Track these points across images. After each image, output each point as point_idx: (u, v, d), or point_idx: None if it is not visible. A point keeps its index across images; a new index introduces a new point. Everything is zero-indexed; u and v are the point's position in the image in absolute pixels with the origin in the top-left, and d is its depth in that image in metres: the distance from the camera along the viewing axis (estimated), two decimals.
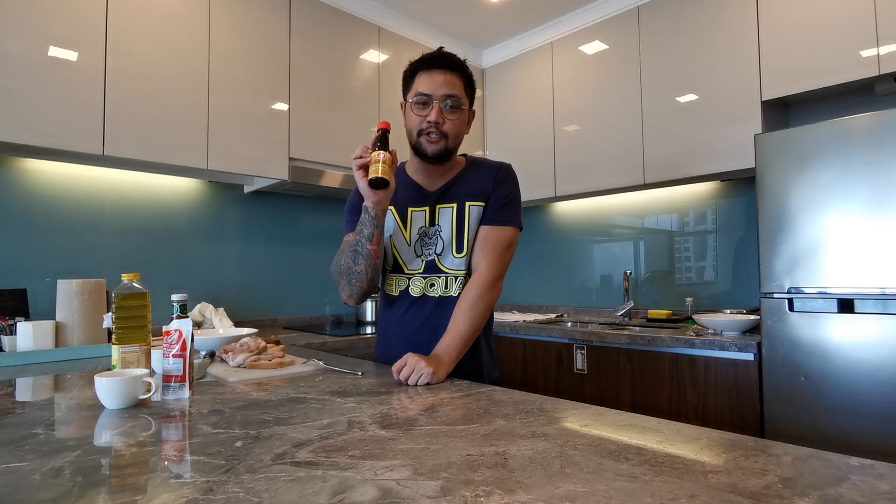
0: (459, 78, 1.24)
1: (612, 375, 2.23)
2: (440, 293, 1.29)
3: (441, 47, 1.29)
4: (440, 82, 1.21)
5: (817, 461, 0.65)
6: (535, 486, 0.59)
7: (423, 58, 1.26)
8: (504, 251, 1.27)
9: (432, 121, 1.20)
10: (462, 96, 1.24)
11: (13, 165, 1.96)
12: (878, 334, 1.60)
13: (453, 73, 1.23)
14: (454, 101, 1.21)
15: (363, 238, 1.20)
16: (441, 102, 1.21)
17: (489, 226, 1.28)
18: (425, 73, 1.23)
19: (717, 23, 2.29)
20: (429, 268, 1.29)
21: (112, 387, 0.95)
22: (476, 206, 1.28)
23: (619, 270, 2.95)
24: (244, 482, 0.60)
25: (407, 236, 1.30)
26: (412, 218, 1.30)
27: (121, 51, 1.89)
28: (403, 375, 1.12)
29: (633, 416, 0.87)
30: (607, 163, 2.68)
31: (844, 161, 1.68)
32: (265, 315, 2.64)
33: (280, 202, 2.73)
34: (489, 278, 1.24)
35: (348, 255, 1.23)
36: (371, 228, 1.19)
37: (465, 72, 1.26)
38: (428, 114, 1.21)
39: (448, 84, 1.21)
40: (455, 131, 1.24)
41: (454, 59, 1.24)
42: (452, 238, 1.28)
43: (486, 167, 1.33)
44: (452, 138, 1.24)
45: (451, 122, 1.22)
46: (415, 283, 1.30)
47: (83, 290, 1.73)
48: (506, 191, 1.29)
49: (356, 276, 1.23)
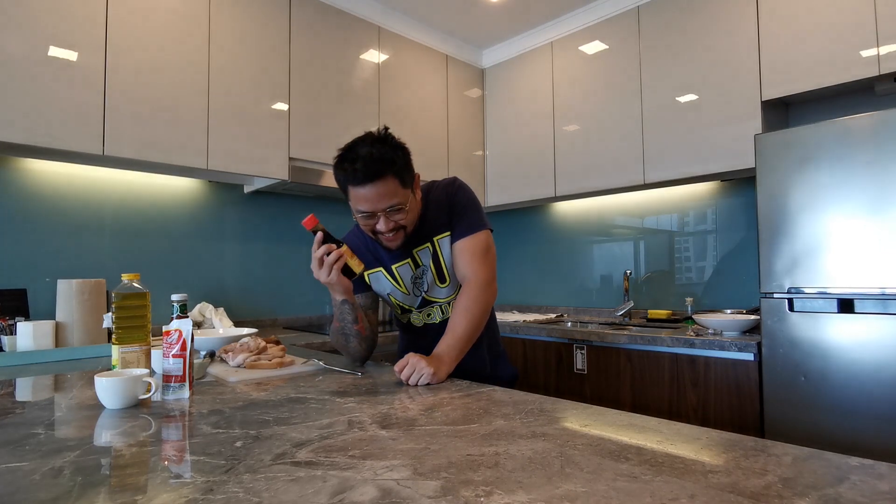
0: (392, 178, 1.15)
1: (612, 375, 2.23)
2: (439, 319, 1.38)
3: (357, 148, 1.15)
4: (374, 197, 1.15)
5: (817, 461, 0.65)
6: (535, 486, 0.59)
7: (347, 171, 1.15)
8: (484, 255, 1.29)
9: (382, 231, 1.21)
10: (401, 198, 1.18)
11: (13, 165, 1.96)
12: (878, 334, 1.60)
13: (383, 179, 1.14)
14: (395, 207, 1.18)
15: (348, 324, 1.29)
16: (385, 213, 1.18)
17: (460, 240, 1.30)
18: (357, 190, 1.16)
19: (717, 23, 2.29)
20: (423, 303, 1.38)
21: (112, 387, 0.95)
22: (444, 237, 1.32)
23: (619, 270, 2.95)
24: (244, 482, 0.60)
25: (403, 289, 1.37)
26: (399, 273, 1.35)
27: (121, 51, 1.89)
28: (405, 375, 1.14)
29: (633, 416, 0.87)
30: (607, 163, 2.68)
31: (844, 161, 1.68)
32: (265, 315, 2.64)
33: (280, 202, 2.73)
34: (480, 281, 1.27)
35: (341, 338, 1.33)
36: (353, 314, 1.28)
37: (393, 165, 1.15)
38: (376, 223, 1.20)
39: (383, 195, 1.15)
40: (409, 219, 1.23)
41: (378, 164, 1.13)
42: (433, 272, 1.34)
43: (437, 194, 1.34)
44: (409, 224, 1.24)
45: (402, 219, 1.21)
46: (415, 317, 1.40)
47: (83, 290, 1.73)
48: (460, 204, 1.31)
49: (353, 350, 1.35)
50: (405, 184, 1.19)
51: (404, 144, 1.21)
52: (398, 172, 1.16)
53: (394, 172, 1.15)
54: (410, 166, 1.22)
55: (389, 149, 1.16)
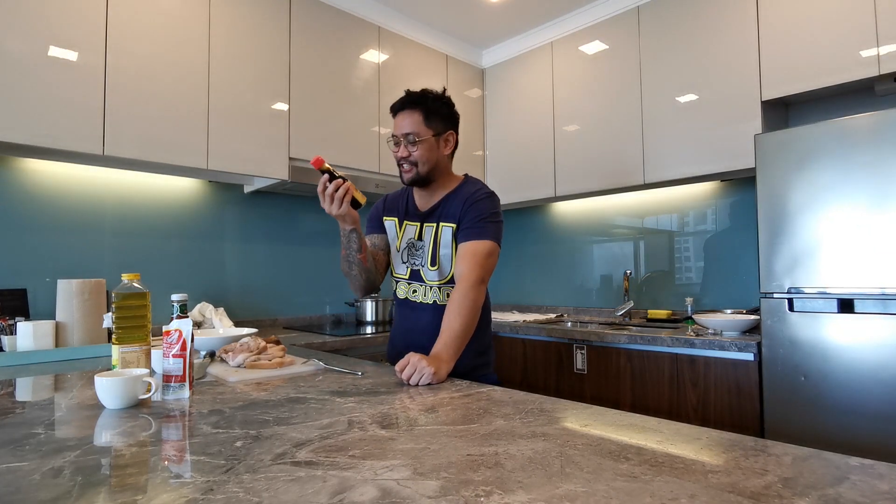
0: (418, 112, 1.38)
1: (611, 375, 2.23)
2: (420, 299, 1.46)
3: (407, 90, 1.43)
4: (399, 123, 1.40)
5: (817, 461, 0.65)
6: (535, 486, 0.59)
7: (392, 104, 1.43)
8: (483, 259, 1.34)
9: (399, 156, 1.40)
10: (421, 130, 1.38)
11: (13, 165, 1.96)
12: (878, 334, 1.60)
13: (412, 110, 1.39)
14: (411, 137, 1.38)
15: (353, 252, 1.41)
16: (404, 140, 1.39)
17: (465, 241, 1.37)
18: (394, 119, 1.43)
19: (717, 23, 2.29)
20: (413, 275, 1.47)
21: (112, 387, 0.95)
22: (447, 226, 1.42)
23: (619, 270, 2.95)
24: (244, 482, 0.60)
25: (398, 244, 1.50)
26: (405, 230, 1.49)
27: (121, 51, 1.89)
28: (406, 375, 1.15)
29: (633, 416, 0.87)
30: (607, 163, 2.68)
31: (844, 161, 1.68)
32: (265, 315, 2.64)
33: (280, 202, 2.73)
34: (470, 280, 1.31)
35: (345, 264, 1.45)
36: (358, 243, 1.39)
37: (424, 105, 1.39)
38: (398, 151, 1.40)
39: (406, 123, 1.39)
40: (423, 158, 1.39)
41: (413, 98, 1.40)
42: (430, 252, 1.44)
43: (466, 192, 1.43)
44: (422, 165, 1.39)
45: (416, 152, 1.38)
46: (401, 286, 1.51)
47: (83, 290, 1.73)
48: (477, 212, 1.38)
49: (353, 278, 1.47)
50: (429, 125, 1.39)
51: (453, 105, 1.44)
52: (425, 112, 1.38)
53: (421, 110, 1.38)
54: (444, 119, 1.42)
55: (431, 98, 1.40)
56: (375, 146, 2.72)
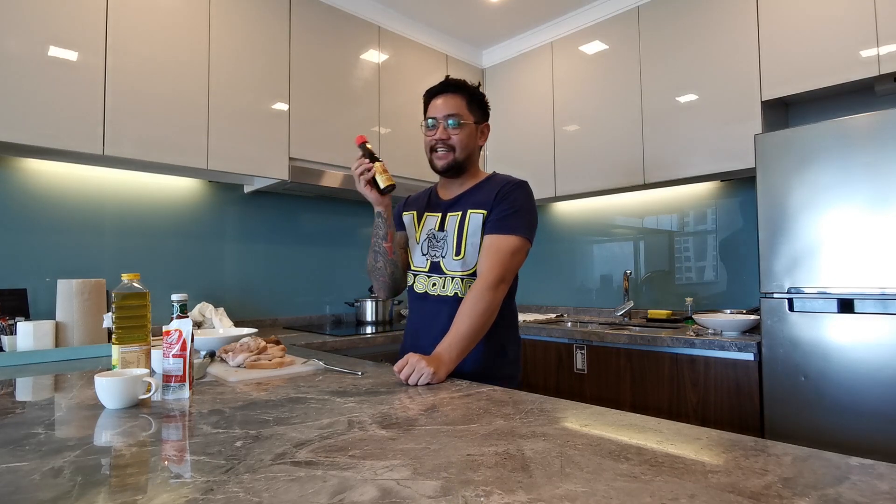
0: (462, 97, 1.36)
1: (612, 375, 2.23)
2: (439, 292, 1.38)
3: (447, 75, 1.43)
4: (441, 105, 1.36)
5: (817, 461, 0.65)
6: (535, 486, 0.59)
7: (431, 87, 1.41)
8: (507, 256, 1.28)
9: (437, 138, 1.35)
10: (464, 113, 1.35)
11: (13, 165, 1.96)
12: (878, 334, 1.59)
13: (454, 94, 1.36)
14: (455, 119, 1.34)
15: (379, 238, 1.40)
16: (444, 122, 1.34)
17: (492, 234, 1.31)
18: (432, 101, 1.38)
19: (717, 23, 2.29)
20: (433, 268, 1.40)
21: (112, 387, 0.95)
22: (477, 213, 1.35)
23: (619, 270, 2.95)
24: (244, 482, 0.60)
25: (417, 236, 1.45)
26: (425, 221, 1.44)
27: (121, 51, 1.89)
28: (404, 375, 1.14)
29: (633, 416, 0.87)
30: (607, 163, 2.68)
31: (844, 161, 1.68)
32: (265, 315, 2.64)
33: (280, 202, 2.73)
34: (488, 281, 1.26)
35: (371, 255, 1.43)
36: (385, 229, 1.38)
37: (467, 91, 1.38)
38: (436, 133, 1.35)
39: (448, 105, 1.35)
40: (462, 144, 1.35)
41: (455, 82, 1.38)
42: (454, 242, 1.37)
43: (498, 181, 1.39)
44: (460, 150, 1.35)
45: (456, 136, 1.34)
46: (419, 280, 1.43)
47: (83, 290, 1.73)
48: (511, 202, 1.32)
49: (378, 272, 1.44)
50: (472, 110, 1.37)
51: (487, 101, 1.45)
52: (469, 97, 1.37)
53: (464, 95, 1.37)
54: (483, 109, 1.42)
55: (473, 86, 1.40)
56: (375, 146, 2.72)
